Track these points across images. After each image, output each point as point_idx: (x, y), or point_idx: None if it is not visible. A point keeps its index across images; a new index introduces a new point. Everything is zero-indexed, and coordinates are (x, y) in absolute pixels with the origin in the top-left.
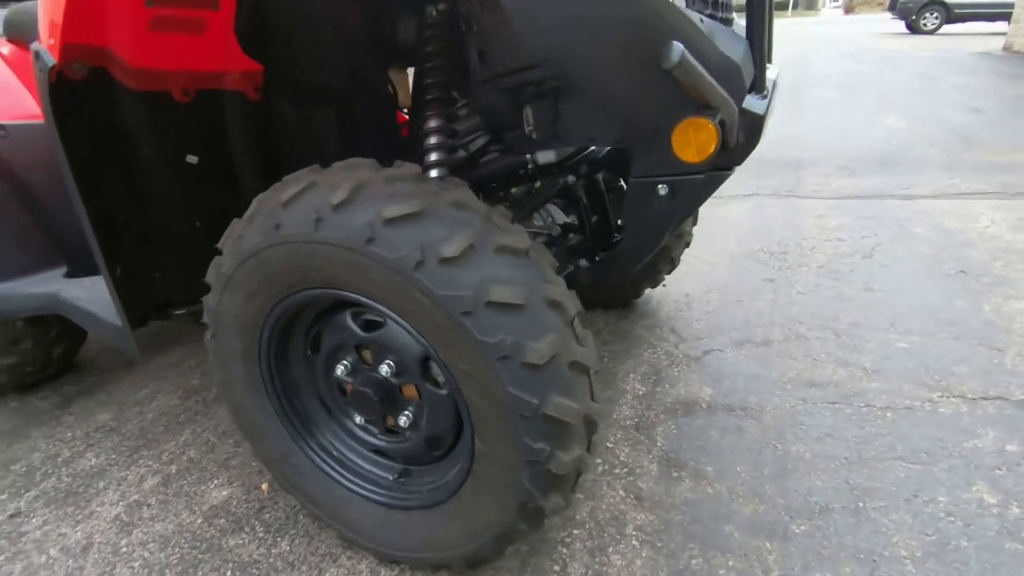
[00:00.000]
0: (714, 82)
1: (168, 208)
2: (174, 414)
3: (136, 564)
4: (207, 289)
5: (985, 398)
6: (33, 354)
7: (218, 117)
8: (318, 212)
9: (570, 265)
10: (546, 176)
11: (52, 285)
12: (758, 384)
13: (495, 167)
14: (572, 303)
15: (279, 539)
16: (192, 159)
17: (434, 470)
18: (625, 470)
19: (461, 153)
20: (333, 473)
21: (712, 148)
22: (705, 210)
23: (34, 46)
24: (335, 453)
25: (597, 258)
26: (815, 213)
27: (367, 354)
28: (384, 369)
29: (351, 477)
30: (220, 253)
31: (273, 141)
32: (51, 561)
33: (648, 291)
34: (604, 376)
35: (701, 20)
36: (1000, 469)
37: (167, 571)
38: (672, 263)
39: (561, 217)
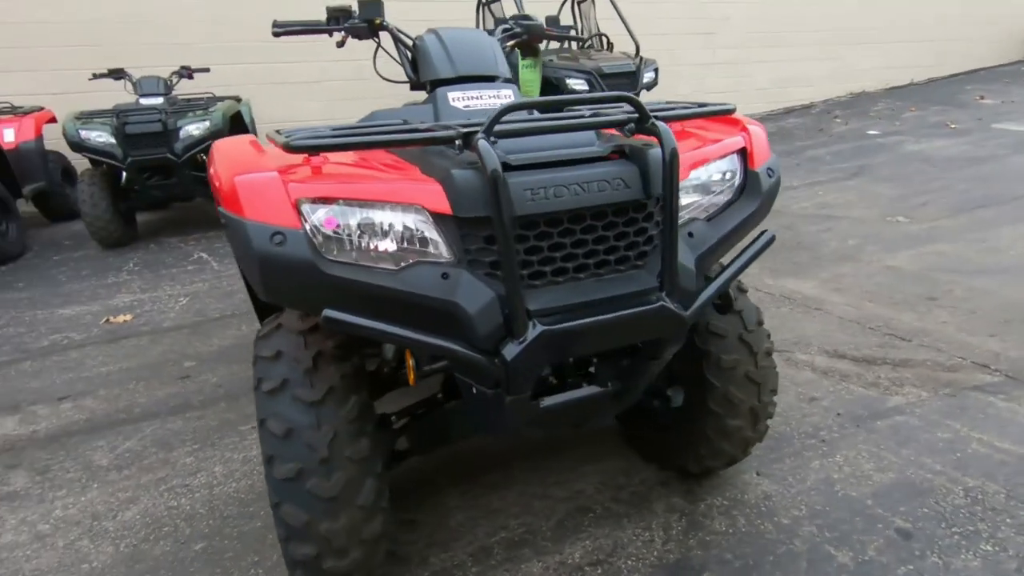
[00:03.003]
0: (396, 332)
1: None
2: None
3: (242, 483)
4: None
5: None
6: None
7: None
8: (255, 337)
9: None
10: None
11: None
12: None
13: None
14: (329, 448)
15: None
16: None
17: None
18: None
19: None
20: None
21: (412, 381)
22: (952, 409)
23: None
24: None
25: None
26: None
27: None
28: None
29: None
30: None
31: None
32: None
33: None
34: (561, 529)
35: (444, 276)
36: None
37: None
38: (721, 455)
39: None
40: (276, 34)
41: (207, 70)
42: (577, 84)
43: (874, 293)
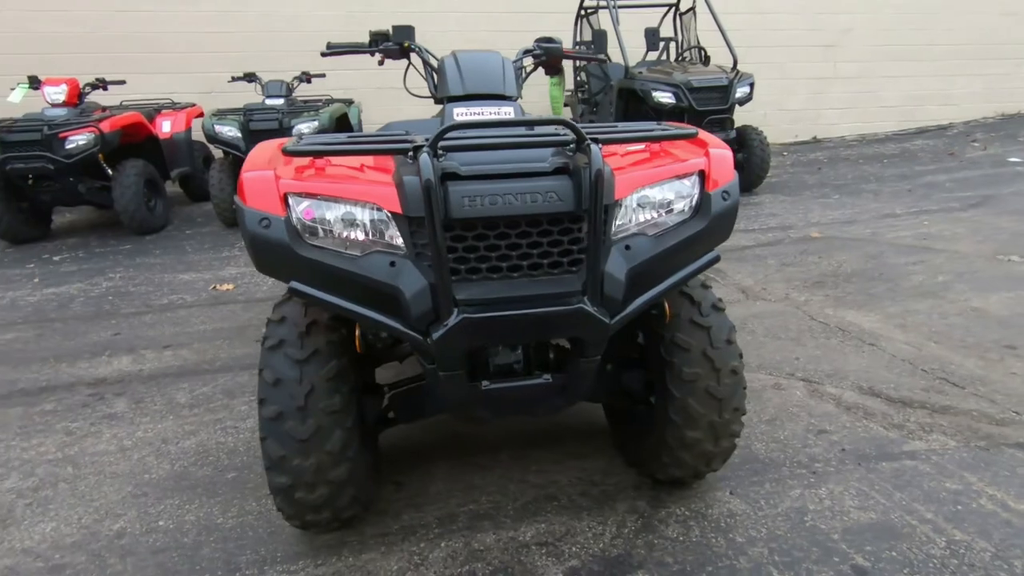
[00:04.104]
0: (345, 304)
1: None
2: None
3: None
4: None
5: None
6: None
7: None
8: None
9: None
10: None
11: None
12: None
13: None
14: (306, 399)
15: None
16: None
17: None
18: None
19: None
20: None
21: (358, 348)
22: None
23: None
24: None
25: None
26: None
27: None
28: None
29: None
30: None
31: None
32: None
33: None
34: (523, 511)
35: (392, 264)
36: None
37: None
38: (682, 465)
39: None
40: (325, 55)
41: (323, 75)
42: (664, 97)
43: (943, 334)
